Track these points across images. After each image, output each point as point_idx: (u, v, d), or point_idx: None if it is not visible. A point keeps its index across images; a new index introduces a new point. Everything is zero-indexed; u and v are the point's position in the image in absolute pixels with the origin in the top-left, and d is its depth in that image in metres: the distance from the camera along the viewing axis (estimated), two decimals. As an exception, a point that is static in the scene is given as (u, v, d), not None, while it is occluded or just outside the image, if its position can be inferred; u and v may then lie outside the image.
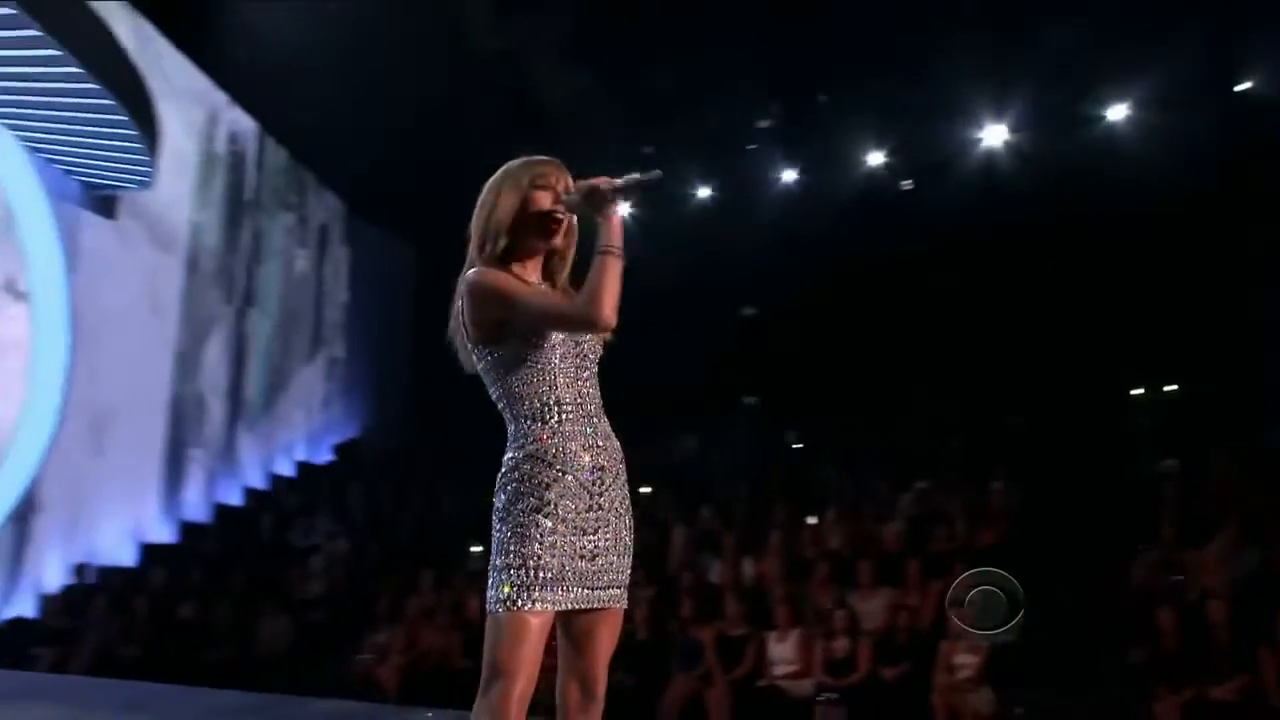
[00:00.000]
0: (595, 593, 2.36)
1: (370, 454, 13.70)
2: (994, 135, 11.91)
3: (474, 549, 10.09)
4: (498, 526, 2.36)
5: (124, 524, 11.00)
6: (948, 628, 6.82)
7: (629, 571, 2.44)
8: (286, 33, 11.58)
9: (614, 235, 2.31)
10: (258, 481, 12.85)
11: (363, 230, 15.22)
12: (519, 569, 2.27)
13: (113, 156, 10.24)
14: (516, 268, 2.45)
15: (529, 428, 2.38)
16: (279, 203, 13.99)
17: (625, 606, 2.44)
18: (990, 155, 11.97)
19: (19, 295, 10.36)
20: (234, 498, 12.47)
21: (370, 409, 15.02)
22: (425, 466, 12.67)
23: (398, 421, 14.83)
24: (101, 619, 8.90)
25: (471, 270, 2.41)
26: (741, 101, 13.49)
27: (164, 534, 11.42)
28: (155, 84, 10.62)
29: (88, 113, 9.58)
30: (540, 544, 2.28)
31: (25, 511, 10.02)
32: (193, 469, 12.05)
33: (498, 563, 2.31)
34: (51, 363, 10.27)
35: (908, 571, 7.70)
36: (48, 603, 9.73)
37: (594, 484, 2.37)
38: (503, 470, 2.40)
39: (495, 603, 2.28)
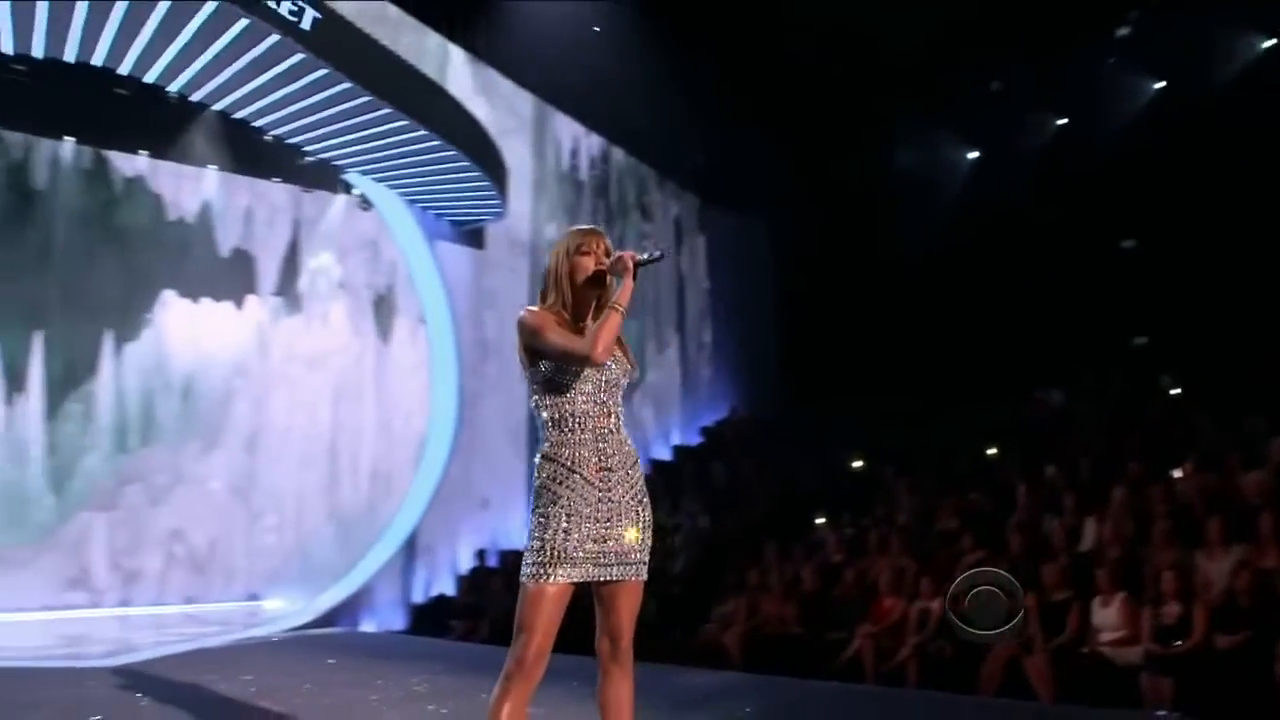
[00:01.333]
0: (605, 569, 2.95)
1: (734, 433, 14.40)
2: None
3: (818, 520, 10.40)
4: (529, 514, 2.96)
5: (519, 513, 12.68)
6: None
7: (643, 551, 3.06)
8: (609, 47, 12.62)
9: (624, 297, 2.96)
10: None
11: (717, 217, 15.97)
12: (539, 551, 2.90)
13: (472, 196, 11.89)
14: (572, 312, 3.07)
15: (550, 434, 2.99)
16: (629, 204, 15.16)
17: (642, 579, 3.06)
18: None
19: (419, 322, 12.41)
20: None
21: (739, 389, 15.75)
22: (785, 442, 13.11)
23: (766, 399, 15.40)
24: (498, 595, 10.33)
25: (523, 310, 3.04)
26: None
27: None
28: (500, 118, 12.15)
29: (447, 165, 11.30)
30: (555, 531, 2.90)
31: (442, 503, 11.92)
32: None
33: (527, 545, 2.91)
34: (447, 379, 12.12)
35: (1263, 527, 6.90)
36: (461, 582, 11.51)
37: (602, 482, 2.97)
38: (534, 468, 2.98)
39: (524, 576, 2.93)
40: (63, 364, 11.51)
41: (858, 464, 11.74)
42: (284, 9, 8.70)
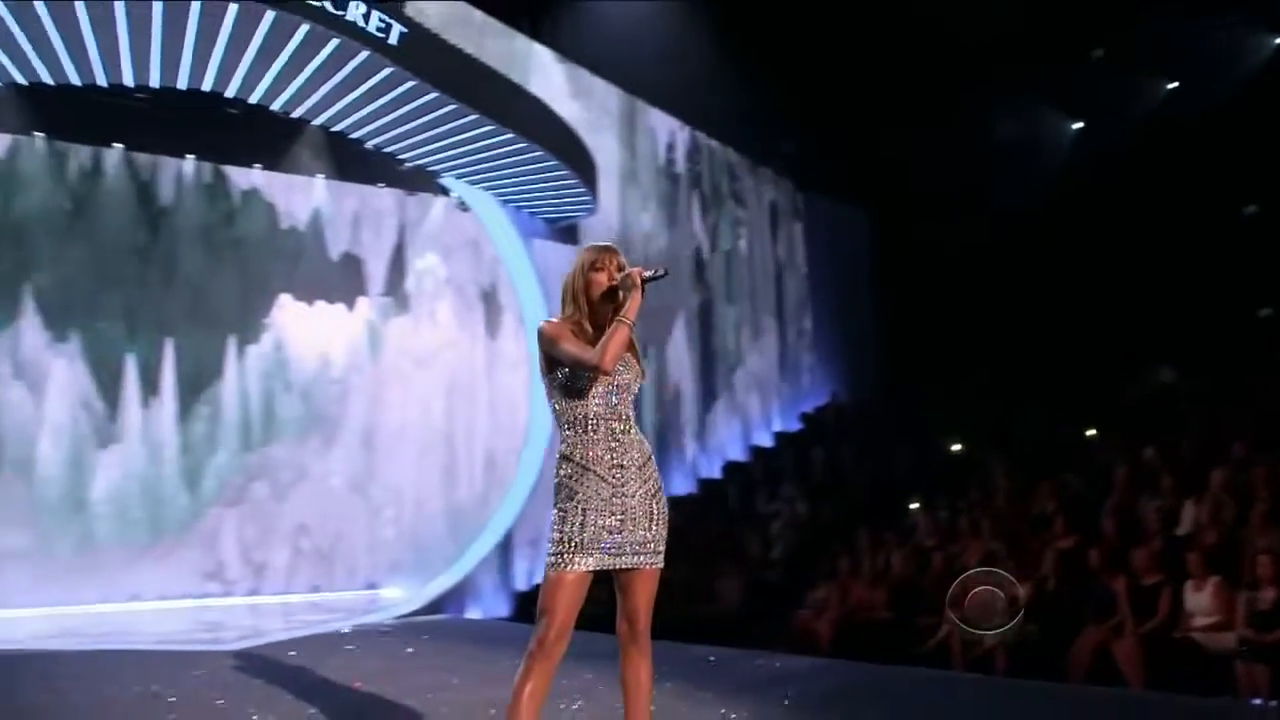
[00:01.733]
0: (618, 558, 3.13)
1: (834, 419, 14.38)
2: None
3: (913, 505, 10.36)
4: (552, 509, 3.20)
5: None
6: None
7: (660, 541, 3.21)
8: (696, 38, 12.73)
9: (631, 311, 3.16)
10: (737, 454, 14.19)
11: (813, 202, 15.92)
12: (558, 542, 3.13)
13: (562, 194, 12.21)
14: (589, 322, 3.27)
15: (566, 435, 3.23)
16: (723, 193, 15.25)
17: (656, 567, 3.20)
18: None
19: (521, 317, 12.83)
20: (715, 471, 13.91)
21: (840, 375, 15.70)
22: (884, 427, 13.05)
23: (867, 384, 15.32)
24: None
25: (542, 320, 3.29)
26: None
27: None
28: (590, 115, 12.44)
29: (536, 166, 11.70)
30: (572, 524, 3.12)
31: (544, 494, 12.26)
32: (675, 451, 13.73)
33: (548, 536, 3.16)
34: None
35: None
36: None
37: (614, 478, 3.16)
38: (555, 466, 3.22)
39: (546, 565, 3.15)
40: (191, 369, 12.31)
41: (956, 447, 11.62)
42: (372, 26, 9.12)
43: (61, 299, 11.62)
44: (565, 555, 3.10)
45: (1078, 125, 14.75)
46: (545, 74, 12.71)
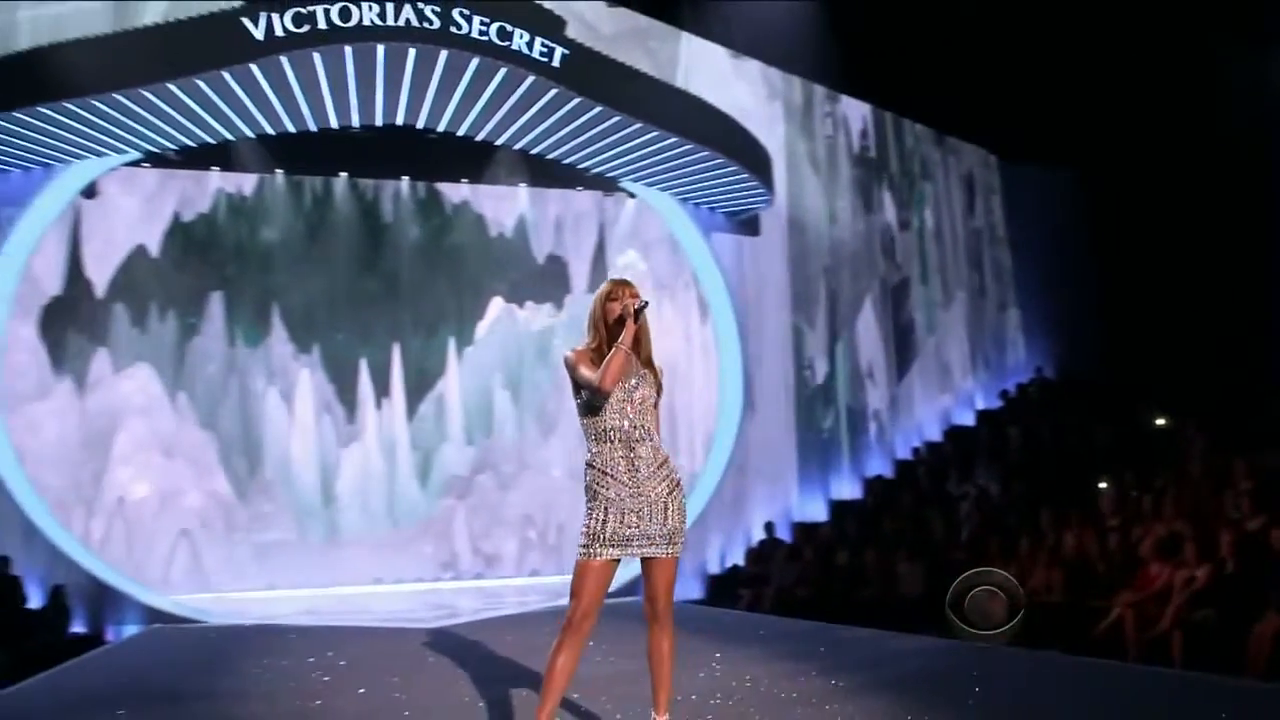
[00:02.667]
0: (639, 549, 3.63)
1: (1036, 396, 13.87)
2: None
3: (1101, 484, 9.98)
4: (584, 507, 3.74)
5: (815, 485, 13.18)
6: None
7: (675, 534, 3.68)
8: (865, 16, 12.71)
9: (626, 338, 3.62)
10: (934, 434, 14.02)
11: (1014, 171, 15.37)
12: (586, 535, 3.64)
13: (736, 188, 12.57)
14: (608, 346, 3.71)
15: (591, 445, 3.75)
16: (910, 168, 15.03)
17: (672, 556, 3.68)
18: None
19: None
20: (910, 452, 13.83)
21: (1045, 351, 15.11)
22: (1086, 404, 12.51)
23: (1074, 361, 14.64)
24: (781, 566, 10.91)
25: (568, 350, 3.82)
26: None
27: (851, 492, 13.31)
28: (764, 105, 12.69)
29: (706, 165, 12.22)
30: (597, 521, 3.64)
31: (735, 476, 12.75)
32: (867, 433, 13.78)
33: (580, 529, 3.69)
34: (732, 360, 12.90)
35: None
36: (748, 553, 12.23)
37: (632, 481, 3.66)
38: (584, 472, 3.77)
39: (577, 555, 3.65)
40: (416, 371, 13.57)
41: (1160, 422, 11.05)
42: (536, 52, 9.83)
43: (303, 315, 13.15)
44: (591, 547, 3.60)
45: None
46: (716, 68, 13.10)
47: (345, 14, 9.56)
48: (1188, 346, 12.12)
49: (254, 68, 9.90)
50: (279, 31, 9.60)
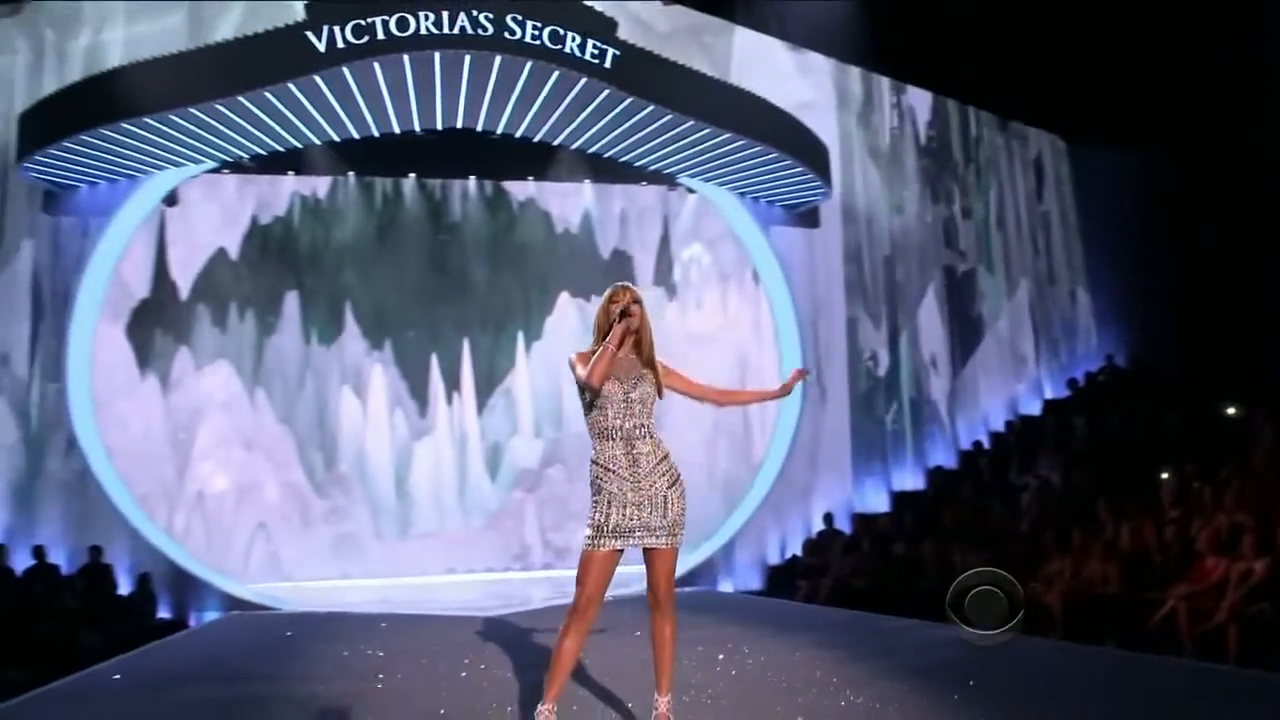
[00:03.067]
0: (640, 540, 3.86)
1: (1106, 384, 13.62)
2: None
3: (1163, 475, 9.82)
4: (590, 500, 3.96)
5: (878, 476, 13.19)
6: None
7: (675, 526, 3.89)
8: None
9: (614, 338, 3.81)
10: (999, 425, 13.88)
11: (1081, 154, 15.09)
12: (591, 526, 3.88)
13: (794, 182, 12.62)
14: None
15: (595, 443, 3.97)
16: (975, 155, 14.86)
17: (672, 547, 3.88)
18: None
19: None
20: (976, 443, 13.71)
21: (1117, 338, 14.81)
22: (1156, 391, 12.27)
23: (1148, 348, 14.31)
24: (839, 558, 10.96)
25: (571, 353, 4.05)
26: None
27: (914, 482, 13.26)
28: (823, 96, 12.76)
29: (761, 159, 12.32)
30: (600, 514, 3.86)
31: (794, 468, 12.85)
32: (931, 424, 13.70)
33: (585, 521, 3.93)
34: (791, 348, 13.00)
35: None
36: (806, 544, 12.29)
37: (633, 476, 3.87)
38: (589, 468, 3.99)
39: (583, 545, 3.88)
40: (486, 366, 13.89)
41: (1230, 411, 10.80)
42: (588, 54, 10.03)
43: (375, 312, 13.56)
44: (595, 538, 3.83)
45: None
46: (774, 61, 13.17)
47: (402, 24, 9.93)
48: (1261, 334, 11.79)
49: (318, 78, 10.31)
50: (340, 43, 10.01)
